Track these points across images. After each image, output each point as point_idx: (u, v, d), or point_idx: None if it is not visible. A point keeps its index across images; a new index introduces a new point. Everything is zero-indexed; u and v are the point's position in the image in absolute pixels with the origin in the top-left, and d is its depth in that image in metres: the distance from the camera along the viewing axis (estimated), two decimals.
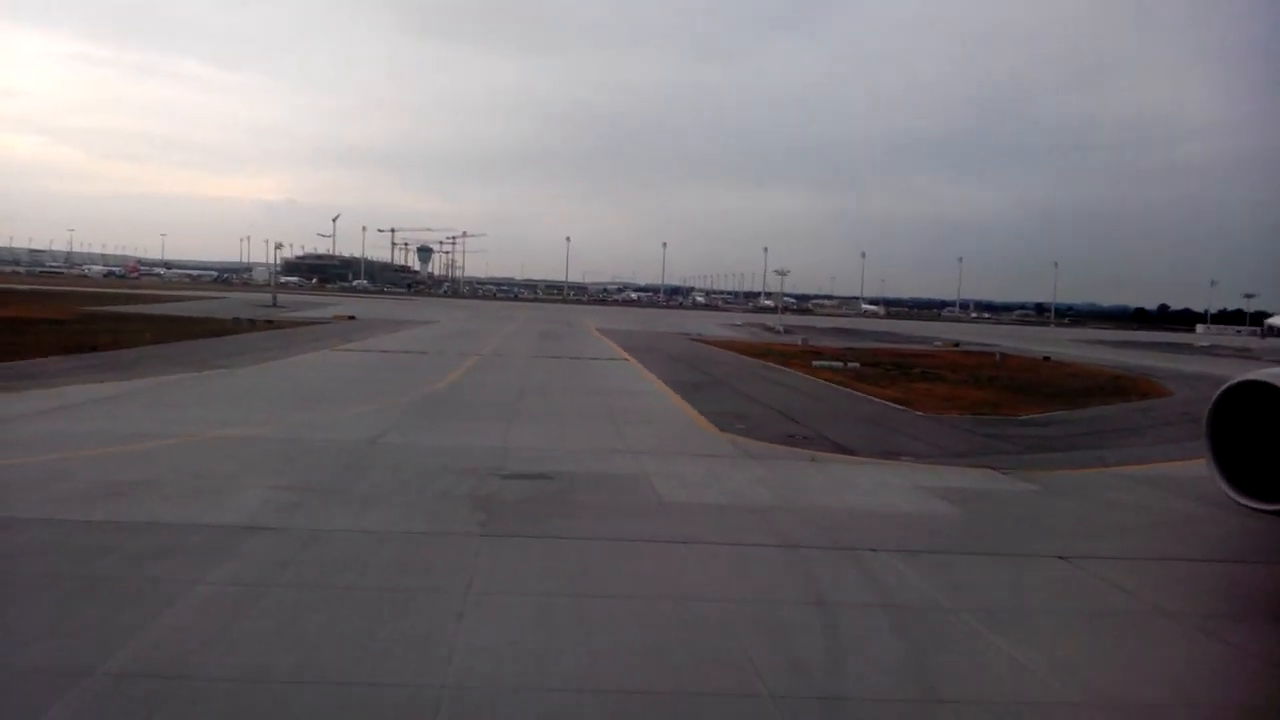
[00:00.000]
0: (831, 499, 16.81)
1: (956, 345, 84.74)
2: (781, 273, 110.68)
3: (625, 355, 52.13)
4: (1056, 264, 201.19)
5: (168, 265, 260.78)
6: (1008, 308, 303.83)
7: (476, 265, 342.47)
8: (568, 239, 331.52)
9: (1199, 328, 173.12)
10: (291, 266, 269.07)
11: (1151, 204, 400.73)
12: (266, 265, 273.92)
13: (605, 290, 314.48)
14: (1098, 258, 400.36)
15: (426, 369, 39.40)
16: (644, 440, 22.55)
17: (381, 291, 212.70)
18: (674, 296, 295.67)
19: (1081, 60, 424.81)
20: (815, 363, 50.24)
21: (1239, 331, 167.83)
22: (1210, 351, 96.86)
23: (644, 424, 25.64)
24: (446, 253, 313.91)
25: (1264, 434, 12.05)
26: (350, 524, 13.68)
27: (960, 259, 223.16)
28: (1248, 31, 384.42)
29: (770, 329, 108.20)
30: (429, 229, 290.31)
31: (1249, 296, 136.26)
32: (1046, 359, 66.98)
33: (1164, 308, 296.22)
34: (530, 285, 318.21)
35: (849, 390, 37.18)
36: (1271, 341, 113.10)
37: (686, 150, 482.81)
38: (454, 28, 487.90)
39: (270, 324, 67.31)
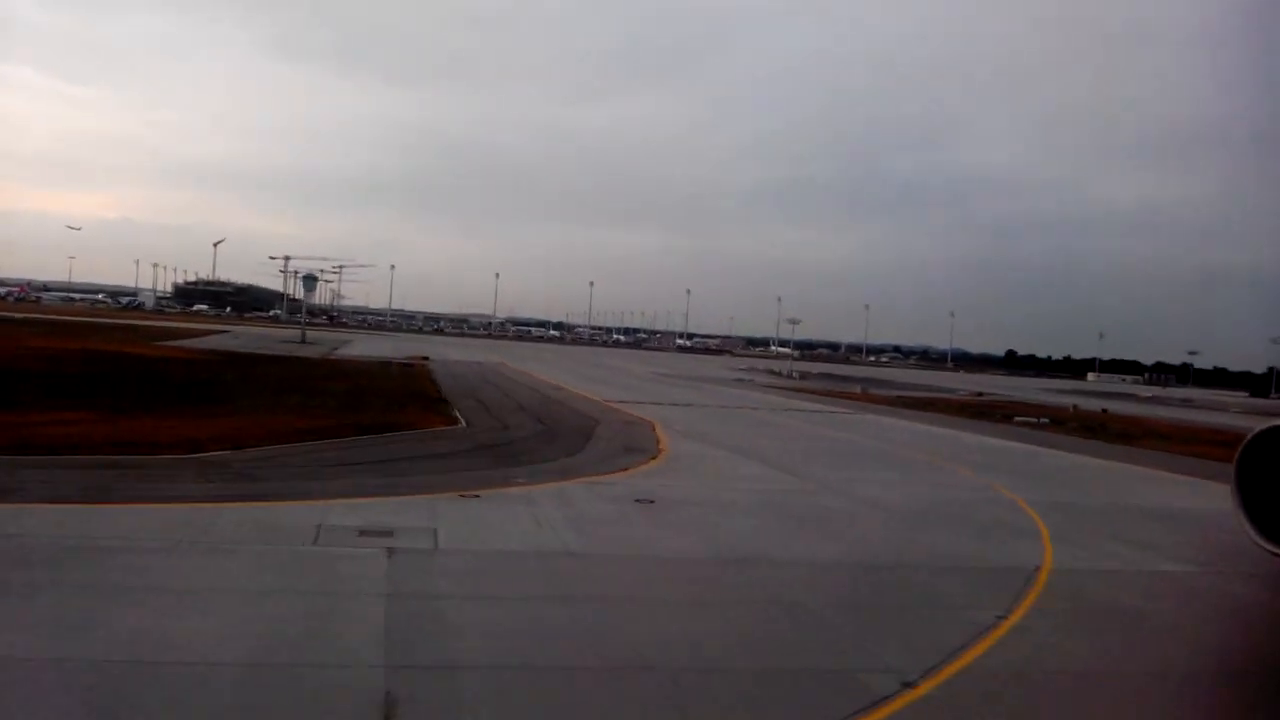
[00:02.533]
0: None
1: (980, 395, 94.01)
2: (794, 321, 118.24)
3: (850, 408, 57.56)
4: (953, 313, 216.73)
5: (46, 287, 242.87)
6: (860, 349, 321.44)
7: (357, 295, 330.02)
8: (497, 275, 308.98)
9: (1090, 375, 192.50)
10: (184, 292, 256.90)
11: (991, 255, 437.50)
12: (154, 290, 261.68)
13: (489, 324, 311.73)
14: (942, 304, 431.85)
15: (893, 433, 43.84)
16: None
17: (310, 323, 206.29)
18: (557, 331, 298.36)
19: (926, 120, 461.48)
20: (1016, 418, 57.23)
21: (1124, 380, 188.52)
22: (1163, 400, 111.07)
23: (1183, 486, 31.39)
24: (328, 282, 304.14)
25: None
26: None
27: (867, 306, 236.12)
28: (1073, 97, 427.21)
29: (776, 373, 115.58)
30: (325, 258, 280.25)
31: (1192, 354, 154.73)
32: (1105, 411, 76.56)
33: (1011, 354, 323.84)
34: (433, 318, 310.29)
35: (1146, 450, 43.74)
36: None
37: (551, 187, 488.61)
38: (315, 52, 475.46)
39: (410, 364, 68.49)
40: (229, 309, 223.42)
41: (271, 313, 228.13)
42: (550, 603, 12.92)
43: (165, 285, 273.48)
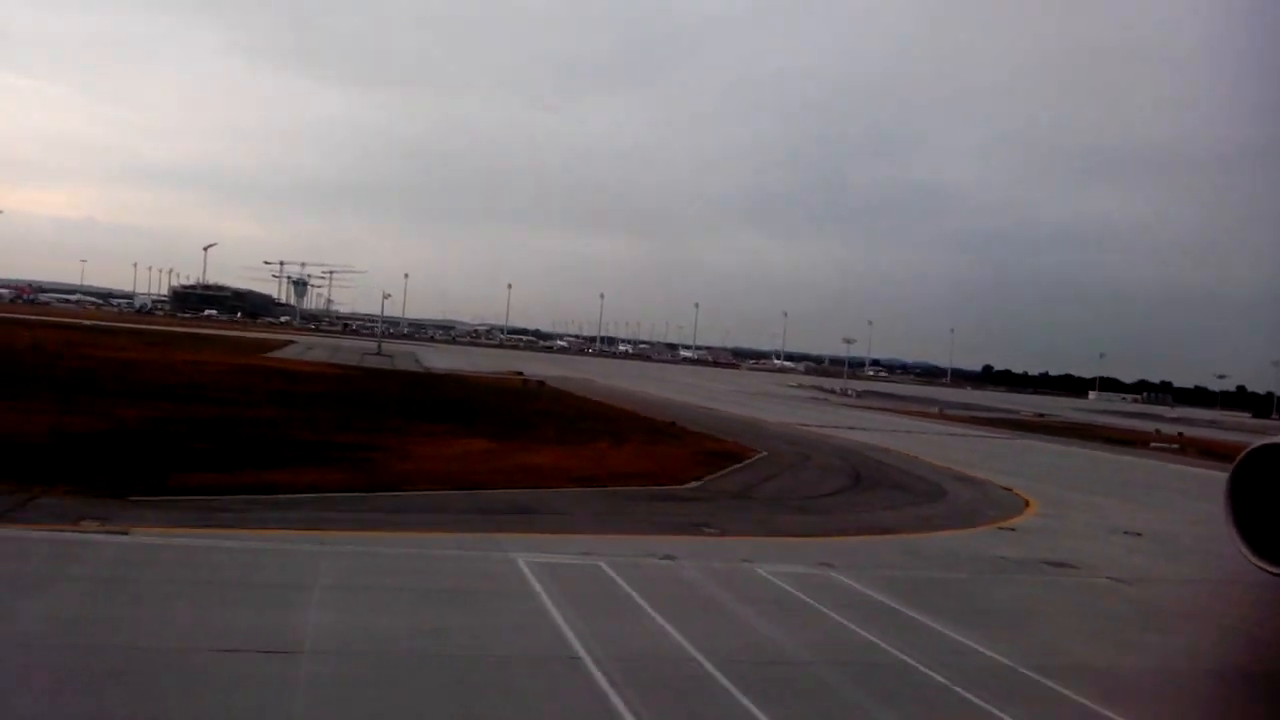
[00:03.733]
0: None
1: (1042, 416, 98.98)
2: (849, 340, 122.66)
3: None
4: (953, 329, 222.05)
5: (42, 289, 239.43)
6: (842, 362, 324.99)
7: (343, 300, 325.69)
8: (509, 286, 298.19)
9: (1091, 394, 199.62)
10: (182, 296, 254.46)
11: (941, 267, 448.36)
12: (149, 294, 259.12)
13: (476, 332, 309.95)
14: (906, 316, 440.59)
15: None
16: None
17: (318, 329, 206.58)
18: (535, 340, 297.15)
19: (885, 133, 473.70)
20: (1152, 444, 62.11)
21: (1124, 399, 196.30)
22: (1192, 422, 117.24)
23: None
24: (316, 287, 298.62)
25: None
26: None
27: (870, 321, 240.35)
28: (1037, 116, 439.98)
29: (829, 391, 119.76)
30: (320, 264, 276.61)
31: (1221, 377, 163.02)
32: (1181, 435, 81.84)
33: (988, 369, 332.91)
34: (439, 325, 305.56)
35: None
36: None
37: (516, 194, 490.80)
38: (280, 54, 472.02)
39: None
40: (238, 314, 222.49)
41: (282, 319, 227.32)
42: None
43: (149, 287, 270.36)
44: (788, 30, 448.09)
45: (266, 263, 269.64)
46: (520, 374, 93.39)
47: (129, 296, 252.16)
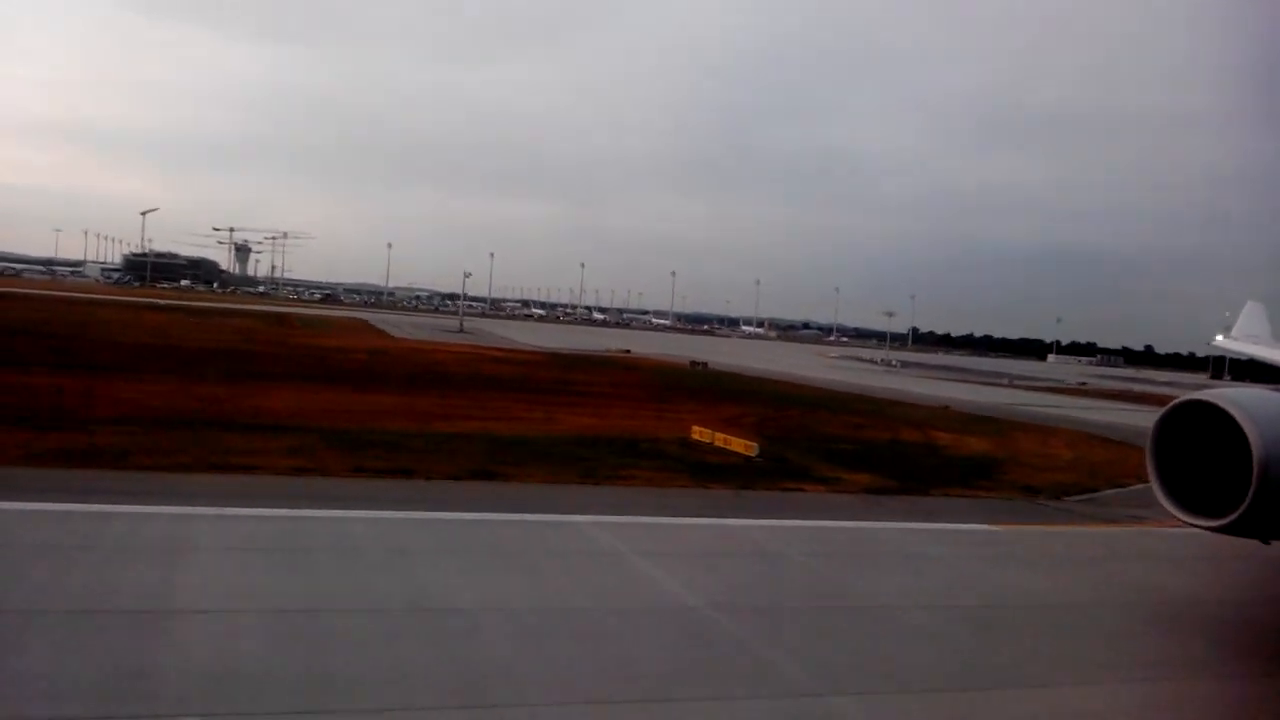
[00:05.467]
0: None
1: (1084, 385, 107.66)
2: (889, 314, 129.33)
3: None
4: (914, 296, 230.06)
5: None
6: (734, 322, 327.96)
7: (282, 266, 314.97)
8: (491, 255, 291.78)
9: (1050, 357, 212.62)
10: (134, 264, 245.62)
11: (851, 229, 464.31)
12: (100, 263, 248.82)
13: (418, 297, 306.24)
14: (827, 280, 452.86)
15: None
16: None
17: (300, 299, 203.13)
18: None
19: (799, 97, 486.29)
20: None
21: (1081, 360, 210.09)
22: (1180, 385, 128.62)
23: None
24: (257, 254, 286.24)
25: (1204, 452, 12.59)
26: None
27: (838, 289, 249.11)
28: (946, 83, 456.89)
29: (867, 360, 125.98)
30: (259, 229, 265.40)
31: (1208, 343, 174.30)
32: None
33: (915, 330, 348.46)
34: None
35: None
36: None
37: (434, 155, 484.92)
38: (180, 6, 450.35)
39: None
40: (214, 285, 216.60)
41: (259, 289, 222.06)
42: None
43: (73, 253, 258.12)
44: None
45: (215, 229, 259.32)
46: (628, 351, 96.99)
47: (77, 265, 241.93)
